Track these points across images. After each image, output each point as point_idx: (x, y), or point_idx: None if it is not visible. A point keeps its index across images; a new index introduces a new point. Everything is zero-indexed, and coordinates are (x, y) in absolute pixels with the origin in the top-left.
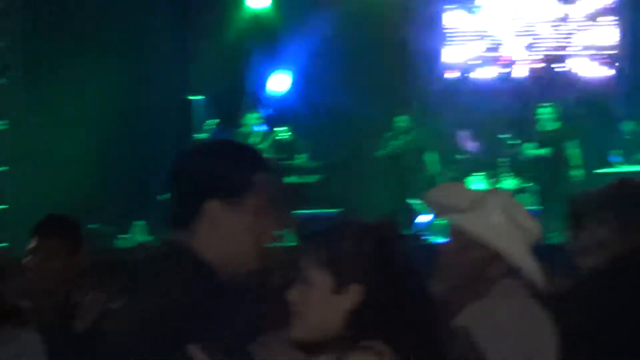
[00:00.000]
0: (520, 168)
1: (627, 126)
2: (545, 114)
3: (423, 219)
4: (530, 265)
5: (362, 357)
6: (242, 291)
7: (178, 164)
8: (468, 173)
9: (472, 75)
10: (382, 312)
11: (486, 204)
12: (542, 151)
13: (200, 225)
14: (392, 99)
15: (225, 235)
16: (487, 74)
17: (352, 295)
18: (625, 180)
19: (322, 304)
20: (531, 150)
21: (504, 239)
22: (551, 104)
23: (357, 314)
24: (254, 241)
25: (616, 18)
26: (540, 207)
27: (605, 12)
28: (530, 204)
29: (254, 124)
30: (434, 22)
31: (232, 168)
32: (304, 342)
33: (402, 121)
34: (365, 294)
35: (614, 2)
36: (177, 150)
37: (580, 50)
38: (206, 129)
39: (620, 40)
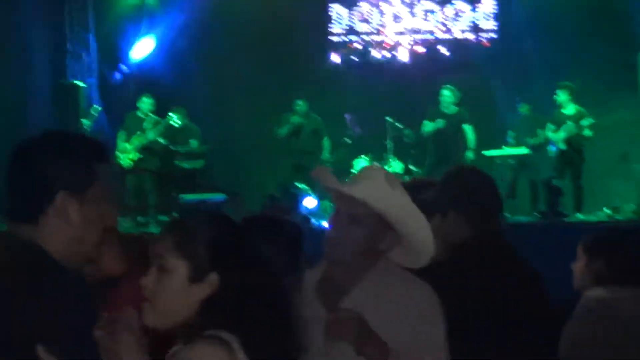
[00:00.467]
0: (405, 151)
1: (522, 109)
2: (445, 96)
3: (311, 202)
4: (423, 233)
5: (207, 347)
6: (85, 284)
7: (18, 158)
8: (355, 156)
9: (358, 58)
10: (232, 301)
11: (370, 176)
12: (439, 125)
13: (46, 218)
14: (283, 79)
15: (74, 226)
16: (372, 56)
17: (209, 285)
18: (460, 169)
19: (178, 292)
20: (428, 128)
21: (395, 208)
22: (450, 86)
23: (208, 302)
24: (99, 230)
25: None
26: None
27: None
28: None
29: (147, 109)
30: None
31: (77, 159)
32: (155, 330)
33: (299, 105)
34: (221, 284)
35: None
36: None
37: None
38: (91, 115)
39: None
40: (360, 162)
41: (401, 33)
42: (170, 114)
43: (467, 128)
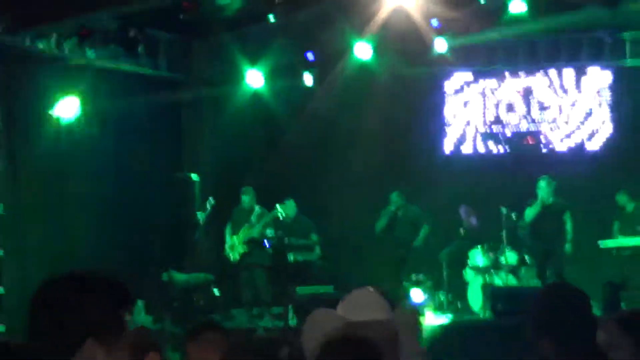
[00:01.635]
0: (518, 242)
1: (621, 199)
2: (542, 187)
3: (418, 295)
4: None
5: None
6: None
7: (46, 297)
8: (470, 246)
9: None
10: None
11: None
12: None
13: None
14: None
15: None
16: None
17: None
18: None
19: None
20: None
21: None
22: (547, 177)
23: None
24: None
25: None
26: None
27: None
28: (530, 278)
29: (249, 202)
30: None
31: (106, 306)
32: None
33: (394, 196)
34: None
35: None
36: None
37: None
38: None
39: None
40: (476, 253)
41: (518, 124)
42: (277, 205)
43: (566, 217)
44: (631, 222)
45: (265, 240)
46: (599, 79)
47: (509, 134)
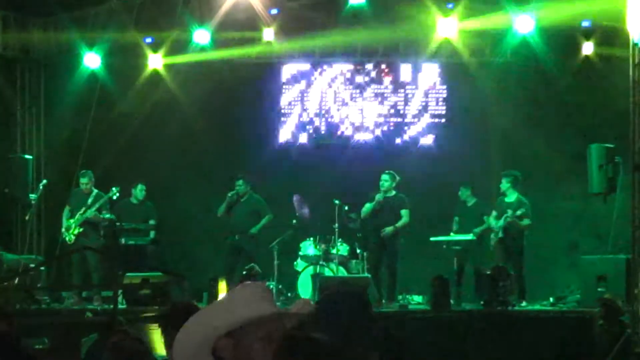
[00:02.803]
0: (352, 234)
1: (463, 193)
2: (384, 180)
3: None
4: None
5: None
6: None
7: None
8: (301, 238)
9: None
10: None
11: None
12: (375, 206)
13: None
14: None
15: None
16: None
17: None
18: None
19: None
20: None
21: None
22: (389, 172)
23: None
24: None
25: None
26: (368, 275)
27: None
28: (360, 270)
29: (87, 184)
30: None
31: None
32: None
33: (238, 184)
34: None
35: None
36: None
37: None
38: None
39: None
40: (307, 244)
41: (353, 115)
42: (113, 189)
43: (404, 212)
44: (470, 217)
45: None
46: (434, 73)
47: (345, 126)
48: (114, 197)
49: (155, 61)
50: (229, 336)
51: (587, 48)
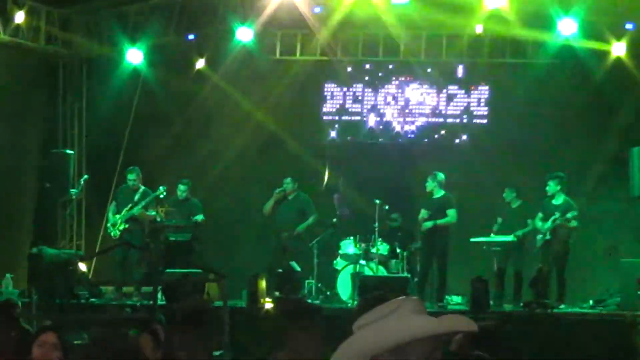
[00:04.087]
0: (392, 234)
1: (508, 195)
2: (429, 184)
3: None
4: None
5: None
6: None
7: None
8: (342, 237)
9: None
10: None
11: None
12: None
13: None
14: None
15: None
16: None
17: None
18: None
19: None
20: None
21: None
22: (432, 175)
23: None
24: None
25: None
26: (408, 275)
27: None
28: (399, 270)
29: (134, 181)
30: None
31: None
32: None
33: (286, 182)
34: None
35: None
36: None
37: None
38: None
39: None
40: (347, 243)
41: (395, 116)
42: (160, 187)
43: (450, 212)
44: (514, 219)
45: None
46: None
47: (392, 126)
48: (161, 196)
49: (199, 60)
50: (388, 355)
51: (631, 51)
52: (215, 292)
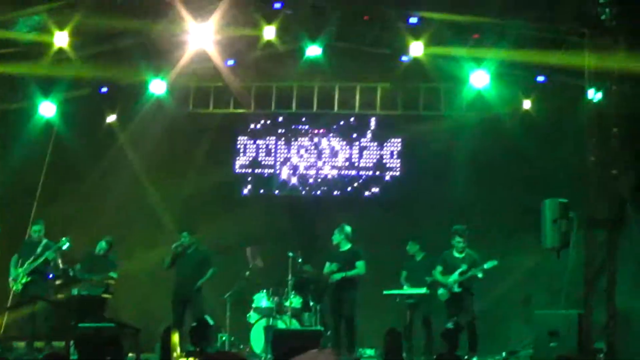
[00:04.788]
0: (306, 287)
1: (412, 248)
2: (335, 237)
3: None
4: None
5: None
6: None
7: None
8: (255, 290)
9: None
10: None
11: None
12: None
13: None
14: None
15: None
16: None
17: None
18: None
19: None
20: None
21: None
22: (340, 226)
23: None
24: None
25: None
26: (321, 328)
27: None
28: (312, 323)
29: (38, 234)
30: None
31: None
32: None
33: (183, 236)
34: None
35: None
36: None
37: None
38: None
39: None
40: (260, 297)
41: (309, 167)
42: (62, 239)
43: (358, 264)
44: (419, 271)
45: (49, 273)
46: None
47: (305, 179)
48: (63, 247)
49: (110, 114)
50: None
51: (541, 104)
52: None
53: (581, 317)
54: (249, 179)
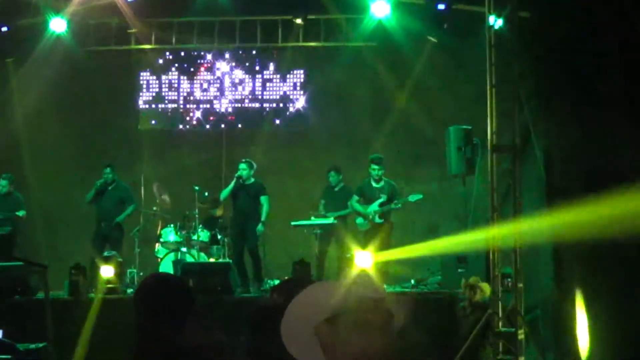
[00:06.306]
0: (213, 221)
1: (334, 178)
2: (242, 169)
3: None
4: None
5: None
6: None
7: None
8: (162, 224)
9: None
10: None
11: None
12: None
13: None
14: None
15: None
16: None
17: None
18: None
19: None
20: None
21: None
22: (246, 160)
23: None
24: None
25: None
26: (229, 260)
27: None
28: (221, 256)
29: None
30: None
31: None
32: None
33: (106, 172)
34: None
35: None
36: None
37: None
38: None
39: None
40: (168, 231)
41: (212, 101)
42: None
43: (263, 199)
44: (337, 201)
45: None
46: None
47: (207, 113)
48: None
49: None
50: (328, 322)
51: (443, 32)
52: None
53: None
54: (153, 114)
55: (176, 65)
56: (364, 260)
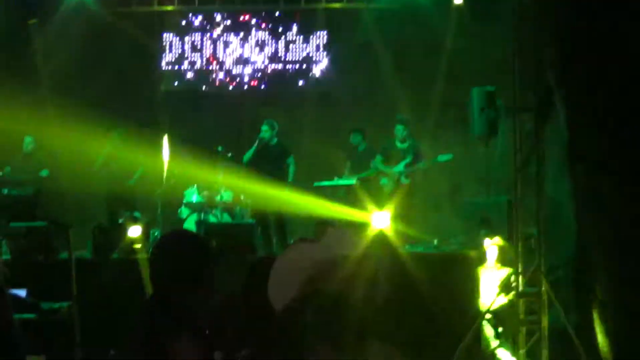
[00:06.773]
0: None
1: (355, 138)
2: (263, 130)
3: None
4: None
5: None
6: None
7: None
8: (186, 186)
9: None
10: None
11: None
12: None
13: None
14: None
15: None
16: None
17: None
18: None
19: None
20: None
21: None
22: (268, 120)
23: None
24: None
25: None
26: (252, 221)
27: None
28: (244, 216)
29: None
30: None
31: None
32: None
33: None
34: None
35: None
36: None
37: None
38: None
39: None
40: (191, 192)
41: (234, 64)
42: None
43: (289, 160)
44: (361, 162)
45: None
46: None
47: (229, 74)
48: None
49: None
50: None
51: None
52: None
53: (510, 203)
54: (177, 75)
55: (199, 26)
56: (382, 220)
